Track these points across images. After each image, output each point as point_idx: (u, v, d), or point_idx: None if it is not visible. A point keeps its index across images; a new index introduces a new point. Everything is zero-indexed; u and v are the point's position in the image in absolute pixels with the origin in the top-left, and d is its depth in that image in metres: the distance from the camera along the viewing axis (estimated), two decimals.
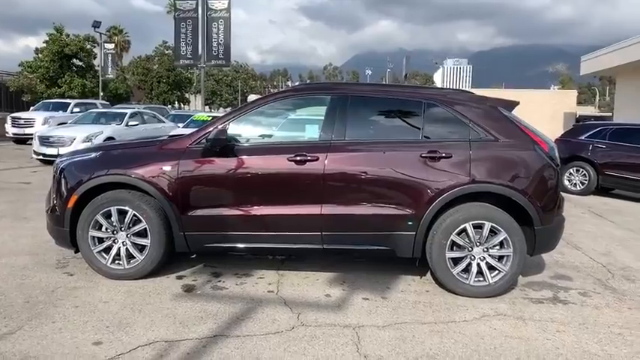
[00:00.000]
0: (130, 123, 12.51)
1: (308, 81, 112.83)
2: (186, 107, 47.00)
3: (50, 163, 11.58)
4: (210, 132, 3.83)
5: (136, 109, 14.34)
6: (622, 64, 25.03)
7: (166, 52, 43.79)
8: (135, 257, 3.87)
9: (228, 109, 49.11)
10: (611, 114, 32.79)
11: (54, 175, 4.03)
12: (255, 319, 3.24)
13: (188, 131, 11.94)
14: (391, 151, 3.78)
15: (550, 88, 75.51)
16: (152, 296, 3.59)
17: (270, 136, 4.11)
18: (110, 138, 11.59)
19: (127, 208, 3.81)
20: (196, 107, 51.25)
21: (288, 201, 3.77)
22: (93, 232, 3.87)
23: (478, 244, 3.74)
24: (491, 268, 3.76)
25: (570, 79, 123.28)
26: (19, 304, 3.38)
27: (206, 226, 3.82)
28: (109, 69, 28.54)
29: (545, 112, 38.28)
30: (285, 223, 3.78)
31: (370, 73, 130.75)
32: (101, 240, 3.90)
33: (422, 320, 3.33)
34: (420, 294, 3.83)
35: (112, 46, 28.86)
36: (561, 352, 2.96)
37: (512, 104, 3.99)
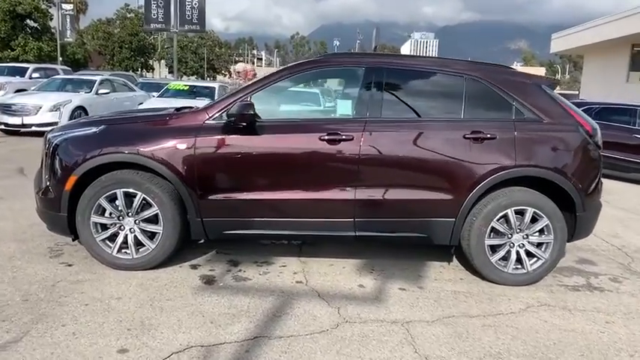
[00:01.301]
0: (100, 91, 11.64)
1: (276, 50, 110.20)
2: (149, 75, 44.91)
3: (13, 133, 10.70)
4: (230, 106, 3.41)
5: (106, 76, 13.37)
6: (591, 43, 25.52)
7: (128, 15, 41.29)
8: (145, 246, 3.46)
9: (193, 78, 47.30)
10: (577, 92, 33.67)
11: (46, 152, 3.51)
12: (293, 316, 2.94)
13: (168, 102, 11.26)
14: (432, 130, 3.47)
15: (513, 64, 76.78)
16: (170, 290, 3.21)
17: (297, 111, 3.71)
18: (80, 107, 10.77)
19: (135, 191, 3.37)
20: (161, 75, 49.13)
21: (318, 184, 3.43)
22: (95, 218, 3.41)
23: (518, 230, 3.54)
24: (530, 255, 3.57)
25: (532, 56, 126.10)
26: (17, 302, 2.94)
27: (227, 212, 3.44)
28: (68, 32, 26.53)
29: None
30: (316, 208, 3.45)
31: (338, 44, 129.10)
32: (105, 226, 3.46)
33: (469, 313, 3.12)
34: (455, 282, 3.62)
35: (70, 7, 26.70)
36: (620, 346, 2.82)
37: (554, 82, 3.75)
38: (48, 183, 3.48)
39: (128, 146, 3.36)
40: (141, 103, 13.46)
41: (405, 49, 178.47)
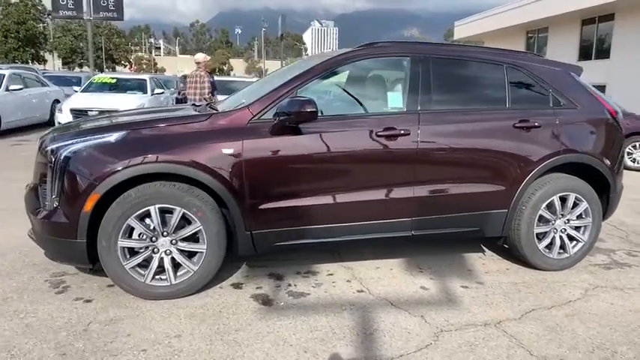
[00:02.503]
0: (10, 87, 10.06)
1: (178, 39, 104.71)
2: (40, 67, 40.27)
3: None
4: (275, 103, 3.01)
5: (16, 71, 11.60)
6: (491, 30, 27.56)
7: (13, 0, 36.29)
8: (185, 268, 2.97)
9: (89, 69, 43.14)
10: None
11: (50, 167, 2.84)
12: (385, 332, 2.68)
13: (99, 97, 10.32)
14: (484, 120, 3.37)
15: None
16: (230, 318, 2.78)
17: (343, 106, 3.39)
18: None
19: (173, 206, 2.85)
20: (54, 67, 44.13)
21: (376, 184, 3.17)
22: (124, 242, 2.84)
23: (561, 216, 3.59)
24: (571, 239, 3.65)
25: None
26: (53, 359, 2.34)
27: (278, 221, 3.05)
28: None
29: None
30: (373, 210, 3.19)
31: (240, 32, 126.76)
32: (133, 251, 2.90)
33: (543, 305, 3.09)
34: (506, 274, 3.59)
35: None
36: None
37: (579, 69, 3.84)
38: (56, 204, 2.82)
39: (163, 154, 2.82)
40: (57, 100, 11.96)
41: (307, 37, 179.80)
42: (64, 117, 9.62)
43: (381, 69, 3.46)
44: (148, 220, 2.87)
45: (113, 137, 2.84)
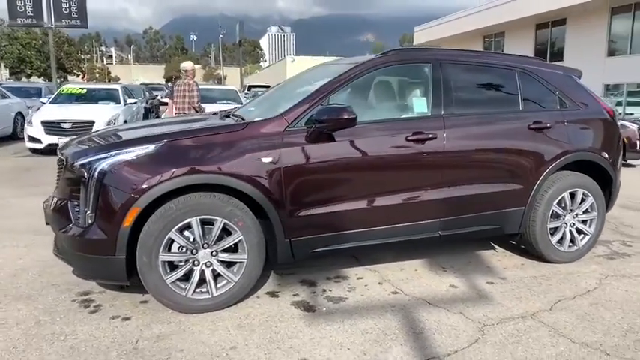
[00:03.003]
0: None
1: (132, 47, 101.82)
2: None
3: None
4: (308, 110, 3.05)
5: None
6: (450, 35, 28.50)
7: None
8: (224, 279, 2.94)
9: (42, 80, 41.29)
10: None
11: (85, 182, 2.74)
12: (433, 330, 2.76)
13: (68, 109, 10.06)
14: (502, 123, 3.54)
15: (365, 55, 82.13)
16: (279, 326, 2.78)
17: (375, 112, 3.45)
18: None
19: (214, 217, 2.83)
20: (1, 77, 41.84)
21: (407, 187, 3.26)
22: (165, 256, 2.79)
23: (570, 211, 3.81)
24: (579, 232, 3.88)
25: (382, 47, 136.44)
26: None
27: (316, 228, 3.08)
28: None
29: None
30: (405, 213, 3.28)
31: (195, 38, 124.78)
32: (172, 264, 2.85)
33: (567, 295, 3.27)
34: (523, 268, 3.76)
35: None
36: None
37: (579, 72, 4.08)
38: (91, 220, 2.73)
39: (205, 165, 2.79)
40: (20, 113, 11.46)
41: (264, 43, 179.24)
42: (35, 130, 9.21)
43: (405, 74, 3.55)
44: (187, 233, 2.83)
45: (151, 149, 2.78)
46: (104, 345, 2.56)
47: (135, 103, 11.20)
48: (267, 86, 27.59)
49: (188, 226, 2.81)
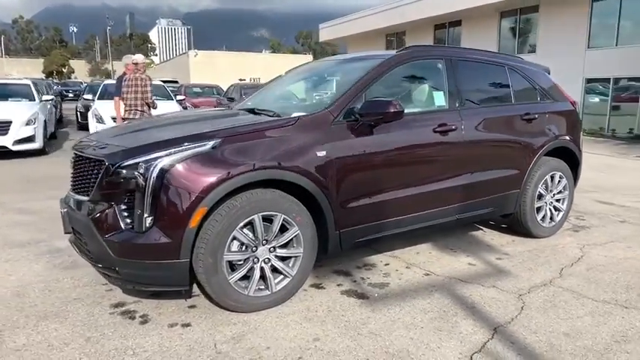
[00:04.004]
0: None
1: (2, 37, 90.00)
2: None
3: None
4: (349, 104, 3.13)
5: None
6: (355, 33, 29.63)
7: None
8: (282, 275, 2.93)
9: None
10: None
11: (138, 183, 2.55)
12: (483, 303, 3.02)
13: None
14: (504, 114, 3.93)
15: (262, 52, 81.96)
16: (347, 315, 2.84)
17: (405, 105, 3.59)
18: None
19: (275, 212, 2.81)
20: None
21: (436, 175, 3.50)
22: (229, 255, 2.71)
23: (550, 191, 4.35)
24: (556, 209, 4.44)
25: (279, 43, 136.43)
26: None
27: (362, 219, 3.19)
28: None
29: None
30: (433, 199, 3.51)
31: (75, 30, 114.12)
32: (231, 264, 2.78)
33: (565, 263, 3.75)
34: (516, 244, 4.21)
35: None
36: None
37: (548, 69, 4.64)
38: (149, 224, 2.56)
39: (268, 160, 2.75)
40: None
41: (154, 36, 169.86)
42: None
43: (423, 69, 3.75)
44: (255, 230, 2.78)
45: (210, 146, 2.67)
46: (183, 353, 2.43)
47: (51, 100, 10.12)
48: (175, 81, 26.29)
49: (249, 224, 2.76)
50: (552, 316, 2.88)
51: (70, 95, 32.30)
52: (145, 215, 2.55)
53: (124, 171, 2.59)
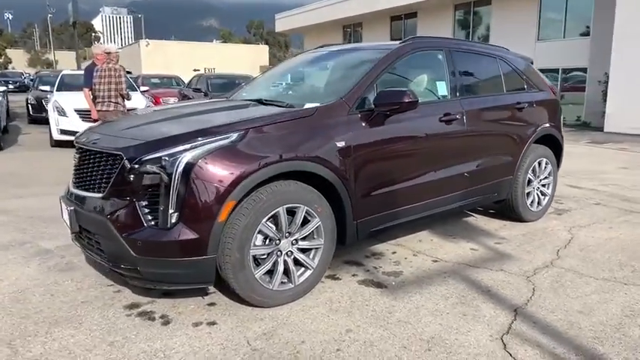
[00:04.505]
0: None
1: None
2: None
3: None
4: (361, 94, 3.12)
5: None
6: (313, 24, 29.53)
7: None
8: (303, 267, 2.90)
9: None
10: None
11: (162, 178, 2.42)
12: (496, 286, 3.12)
13: None
14: (501, 103, 4.05)
15: (213, 42, 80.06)
16: (371, 305, 2.85)
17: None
18: None
19: (298, 204, 2.76)
20: None
21: (442, 164, 3.57)
22: (255, 250, 2.65)
23: (537, 177, 4.54)
24: (543, 194, 4.64)
25: (230, 33, 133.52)
26: None
27: (378, 208, 3.20)
28: None
29: (244, 65, 41.56)
30: (441, 186, 3.59)
31: (11, 17, 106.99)
32: (256, 259, 2.72)
33: (558, 245, 3.93)
34: (509, 228, 4.38)
35: None
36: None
37: (532, 59, 4.80)
38: (174, 220, 2.45)
39: (292, 152, 2.70)
40: None
41: (97, 24, 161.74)
42: None
43: (425, 60, 3.78)
44: (278, 223, 2.73)
45: (235, 137, 2.58)
46: (218, 353, 2.36)
47: (2, 91, 9.44)
48: (129, 72, 25.19)
49: (273, 217, 2.70)
50: (563, 295, 3.02)
51: (11, 87, 30.23)
52: (171, 211, 2.44)
53: (146, 166, 2.46)
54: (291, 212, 2.78)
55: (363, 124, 3.07)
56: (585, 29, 16.84)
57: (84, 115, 8.05)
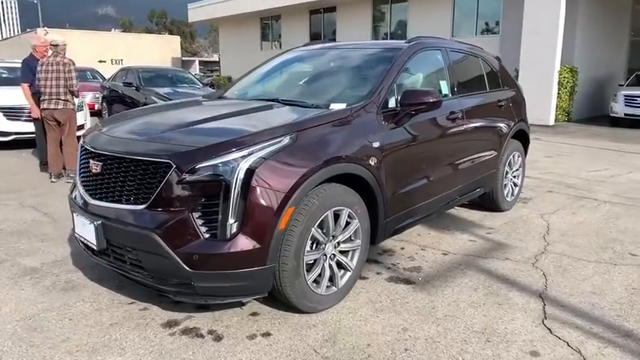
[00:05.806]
0: None
1: None
2: None
3: None
4: (385, 94, 3.15)
5: None
6: (228, 15, 28.77)
7: None
8: (343, 269, 2.88)
9: None
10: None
11: (221, 187, 2.25)
12: (511, 275, 3.33)
13: None
14: (490, 101, 4.29)
15: (111, 31, 74.85)
16: (411, 303, 2.91)
17: None
18: None
19: (342, 207, 2.73)
20: None
21: (453, 159, 3.74)
22: (308, 256, 2.58)
23: (512, 169, 4.90)
24: (515, 185, 5.02)
25: (130, 22, 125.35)
26: None
27: (401, 206, 3.25)
28: None
29: (154, 56, 39.31)
30: (450, 182, 3.76)
31: None
32: (308, 264, 2.65)
33: (542, 232, 4.27)
34: (491, 219, 4.66)
35: None
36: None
37: (499, 58, 5.13)
38: (235, 230, 2.30)
39: (338, 154, 2.66)
40: None
41: None
42: None
43: (427, 59, 3.87)
44: (326, 226, 2.67)
45: (287, 141, 2.47)
46: None
47: None
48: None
49: (324, 221, 2.64)
50: (571, 279, 3.31)
51: None
52: (231, 221, 2.29)
53: (202, 174, 2.28)
54: (336, 215, 2.74)
55: (391, 124, 3.10)
56: (495, 27, 18.31)
57: (10, 113, 7.14)
